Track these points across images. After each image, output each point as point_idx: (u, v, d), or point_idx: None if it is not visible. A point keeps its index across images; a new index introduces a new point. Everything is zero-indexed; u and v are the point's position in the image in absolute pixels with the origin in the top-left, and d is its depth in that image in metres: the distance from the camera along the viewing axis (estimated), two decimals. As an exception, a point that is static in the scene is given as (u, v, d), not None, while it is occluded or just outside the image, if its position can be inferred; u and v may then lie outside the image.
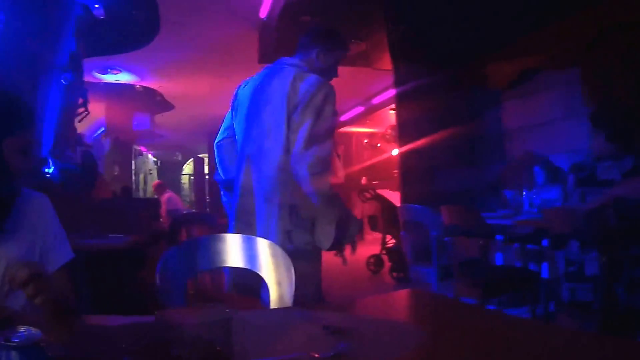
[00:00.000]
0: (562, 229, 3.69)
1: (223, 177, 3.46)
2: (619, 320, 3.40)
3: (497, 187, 7.31)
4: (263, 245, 2.54)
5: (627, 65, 6.00)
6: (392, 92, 8.84)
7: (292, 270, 2.42)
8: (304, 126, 2.95)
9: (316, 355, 1.35)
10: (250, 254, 2.55)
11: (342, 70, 9.10)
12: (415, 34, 7.46)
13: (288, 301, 2.40)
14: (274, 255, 2.49)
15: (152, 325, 1.31)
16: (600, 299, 3.28)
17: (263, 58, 8.59)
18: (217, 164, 3.50)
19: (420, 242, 5.50)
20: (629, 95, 5.88)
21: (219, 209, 16.24)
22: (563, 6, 6.35)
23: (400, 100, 8.60)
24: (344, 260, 3.34)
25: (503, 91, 8.14)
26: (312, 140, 2.94)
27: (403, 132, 8.55)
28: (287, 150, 2.97)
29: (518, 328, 1.77)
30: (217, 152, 3.47)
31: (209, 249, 2.58)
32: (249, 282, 2.67)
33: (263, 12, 7.79)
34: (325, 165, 2.99)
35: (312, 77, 3.09)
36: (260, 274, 2.49)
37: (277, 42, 7.84)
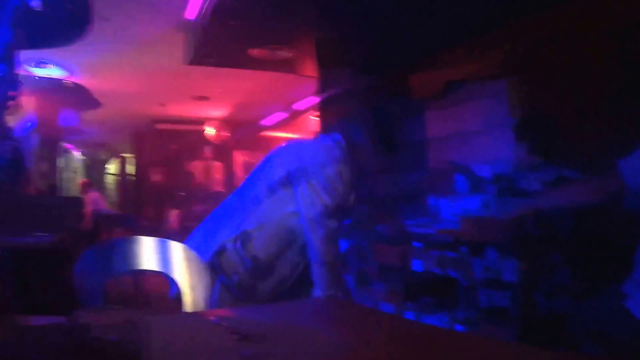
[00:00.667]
0: (479, 237, 3.70)
1: None
2: (539, 327, 3.41)
3: (418, 195, 7.32)
4: (177, 250, 2.47)
5: (554, 79, 6.05)
6: (315, 98, 8.75)
7: (207, 275, 2.40)
8: None
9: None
10: (164, 257, 2.47)
11: (266, 75, 9.03)
12: (342, 41, 7.41)
13: (202, 306, 2.37)
14: (187, 259, 2.44)
15: (64, 327, 1.33)
16: (520, 306, 3.26)
17: (191, 60, 8.48)
18: None
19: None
20: (554, 108, 5.96)
21: (141, 211, 16.07)
22: (492, 19, 6.39)
23: (324, 107, 8.52)
24: None
25: (428, 100, 8.14)
26: None
27: None
28: None
29: (432, 336, 1.77)
30: None
31: (125, 252, 2.51)
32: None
33: (189, 13, 7.64)
34: None
35: None
36: (174, 278, 2.43)
37: (204, 44, 7.73)
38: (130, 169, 20.37)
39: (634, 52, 5.28)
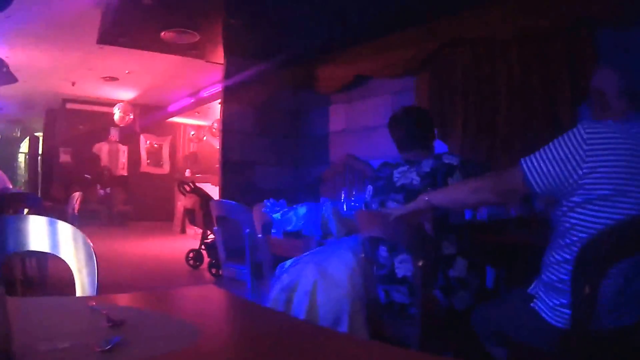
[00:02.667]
0: (371, 232, 3.57)
1: None
2: (442, 322, 3.34)
3: (317, 187, 7.22)
4: (65, 230, 2.29)
5: (457, 78, 6.12)
6: (221, 86, 8.60)
7: (94, 258, 2.21)
8: None
9: (97, 349, 1.28)
10: (53, 238, 2.31)
11: (173, 59, 8.85)
12: (251, 30, 7.24)
13: (89, 290, 2.24)
14: (75, 240, 2.26)
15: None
16: (420, 303, 3.15)
17: (102, 39, 8.27)
18: None
19: (234, 238, 5.25)
20: (454, 105, 6.01)
21: (49, 192, 15.58)
22: (403, 19, 6.36)
23: (227, 95, 8.33)
24: None
25: (332, 94, 8.06)
26: None
27: (226, 127, 8.31)
28: None
29: (302, 332, 1.72)
30: None
31: (16, 231, 2.34)
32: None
33: None
34: None
35: None
36: (65, 260, 2.24)
37: (115, 24, 7.47)
38: (42, 148, 19.66)
39: (535, 56, 5.36)
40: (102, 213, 15.84)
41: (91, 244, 2.27)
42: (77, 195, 7.50)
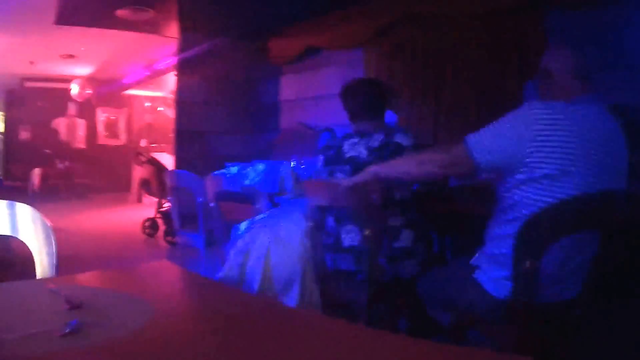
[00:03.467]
0: (319, 201, 3.64)
1: None
2: (388, 288, 3.41)
3: (269, 154, 7.23)
4: (24, 211, 2.28)
5: (408, 53, 6.17)
6: (175, 58, 8.60)
7: (53, 238, 2.25)
8: None
9: (57, 334, 1.31)
10: (13, 220, 2.32)
11: (129, 34, 8.82)
12: (205, 5, 7.27)
13: (49, 270, 2.24)
14: (34, 222, 2.26)
15: None
16: (368, 271, 3.23)
17: (59, 19, 8.19)
18: None
19: (188, 207, 5.30)
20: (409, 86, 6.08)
21: (10, 170, 15.39)
22: None
23: (181, 67, 8.34)
24: None
25: (284, 65, 8.09)
26: None
27: (180, 97, 8.35)
28: None
29: (254, 308, 1.76)
30: None
31: None
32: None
33: None
34: None
35: None
36: (26, 243, 2.27)
37: (72, 4, 7.47)
38: (4, 127, 19.37)
39: (486, 33, 5.43)
40: (62, 187, 15.69)
41: (49, 224, 2.29)
42: (36, 171, 7.47)
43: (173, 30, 8.41)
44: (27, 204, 2.29)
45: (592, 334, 2.62)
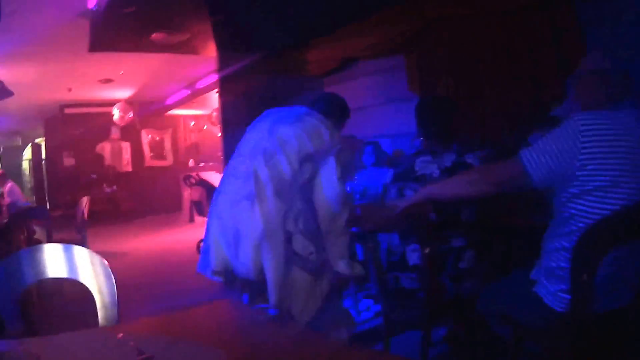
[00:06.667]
0: (373, 226, 3.64)
1: None
2: (447, 308, 3.42)
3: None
4: (81, 254, 2.35)
5: (450, 58, 6.07)
6: (215, 76, 8.63)
7: (112, 279, 2.30)
8: None
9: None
10: (70, 263, 2.36)
11: (166, 55, 8.84)
12: (237, 22, 7.24)
13: (110, 309, 2.29)
14: (92, 264, 2.33)
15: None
16: (427, 289, 3.25)
17: (93, 47, 8.35)
18: None
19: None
20: (452, 90, 5.94)
21: (56, 197, 15.55)
22: None
23: (223, 85, 8.39)
24: None
25: (324, 77, 8.03)
26: None
27: (226, 115, 8.38)
28: None
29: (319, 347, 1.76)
30: None
31: (32, 261, 2.38)
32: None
33: (91, 3, 7.36)
34: None
35: None
36: (84, 283, 2.33)
37: (103, 32, 7.58)
38: (44, 154, 19.64)
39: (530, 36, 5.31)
40: (110, 212, 15.79)
41: (106, 263, 2.32)
42: (84, 200, 7.49)
43: (210, 49, 8.49)
44: (77, 232, 2.30)
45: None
